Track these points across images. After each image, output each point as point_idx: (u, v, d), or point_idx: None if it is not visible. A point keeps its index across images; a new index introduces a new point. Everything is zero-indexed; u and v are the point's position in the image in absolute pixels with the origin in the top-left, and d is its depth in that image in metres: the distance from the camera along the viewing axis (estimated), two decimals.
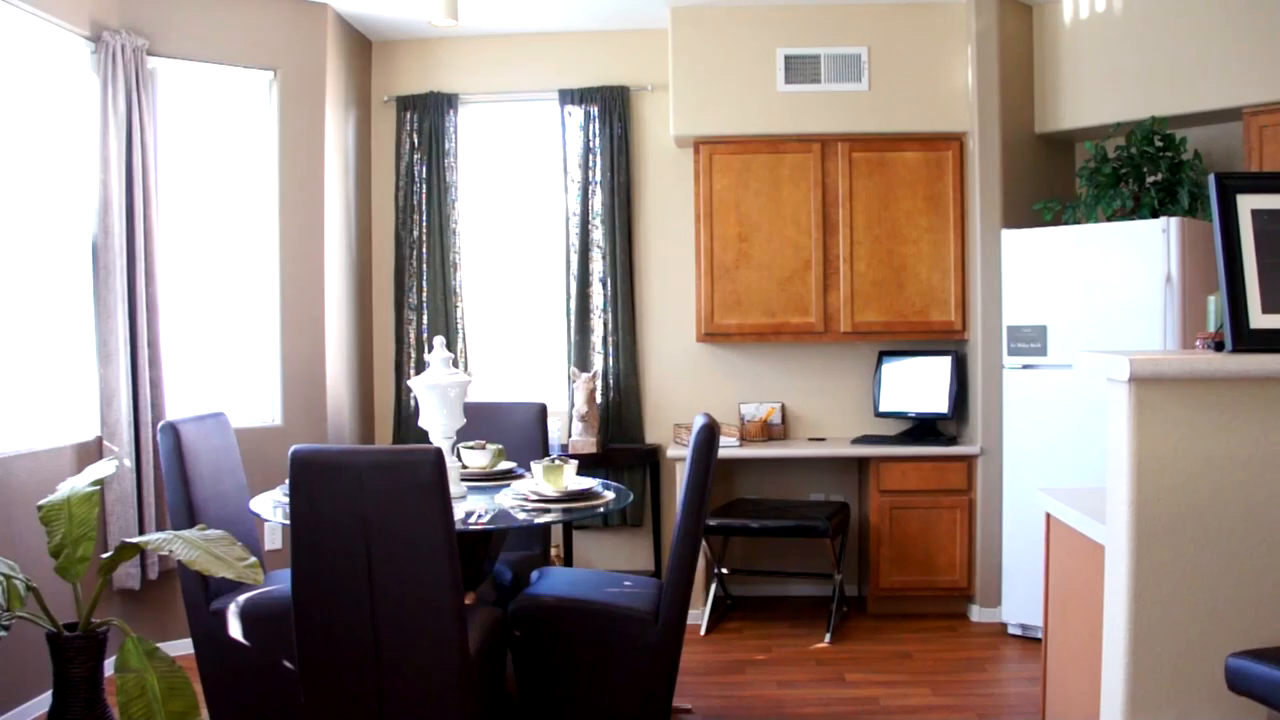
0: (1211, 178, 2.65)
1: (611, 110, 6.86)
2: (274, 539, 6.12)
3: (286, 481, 3.85)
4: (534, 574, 4.87)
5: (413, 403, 6.68)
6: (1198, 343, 2.88)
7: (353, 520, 3.61)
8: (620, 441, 6.89)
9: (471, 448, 4.95)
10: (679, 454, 6.18)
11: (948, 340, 6.72)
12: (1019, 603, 6.06)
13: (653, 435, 6.99)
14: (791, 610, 6.66)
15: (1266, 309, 2.58)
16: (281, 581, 4.47)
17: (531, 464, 4.55)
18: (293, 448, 3.68)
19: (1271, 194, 2.66)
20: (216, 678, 4.39)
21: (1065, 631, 3.32)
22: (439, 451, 3.60)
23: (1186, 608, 2.59)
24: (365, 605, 3.66)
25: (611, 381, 6.89)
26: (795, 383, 6.99)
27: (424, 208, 6.87)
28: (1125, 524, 2.58)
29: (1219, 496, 2.58)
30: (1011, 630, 6.14)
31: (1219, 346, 2.68)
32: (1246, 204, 2.63)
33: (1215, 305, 2.88)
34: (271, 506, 4.32)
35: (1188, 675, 2.60)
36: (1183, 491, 2.57)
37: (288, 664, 4.21)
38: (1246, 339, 2.57)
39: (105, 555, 4.21)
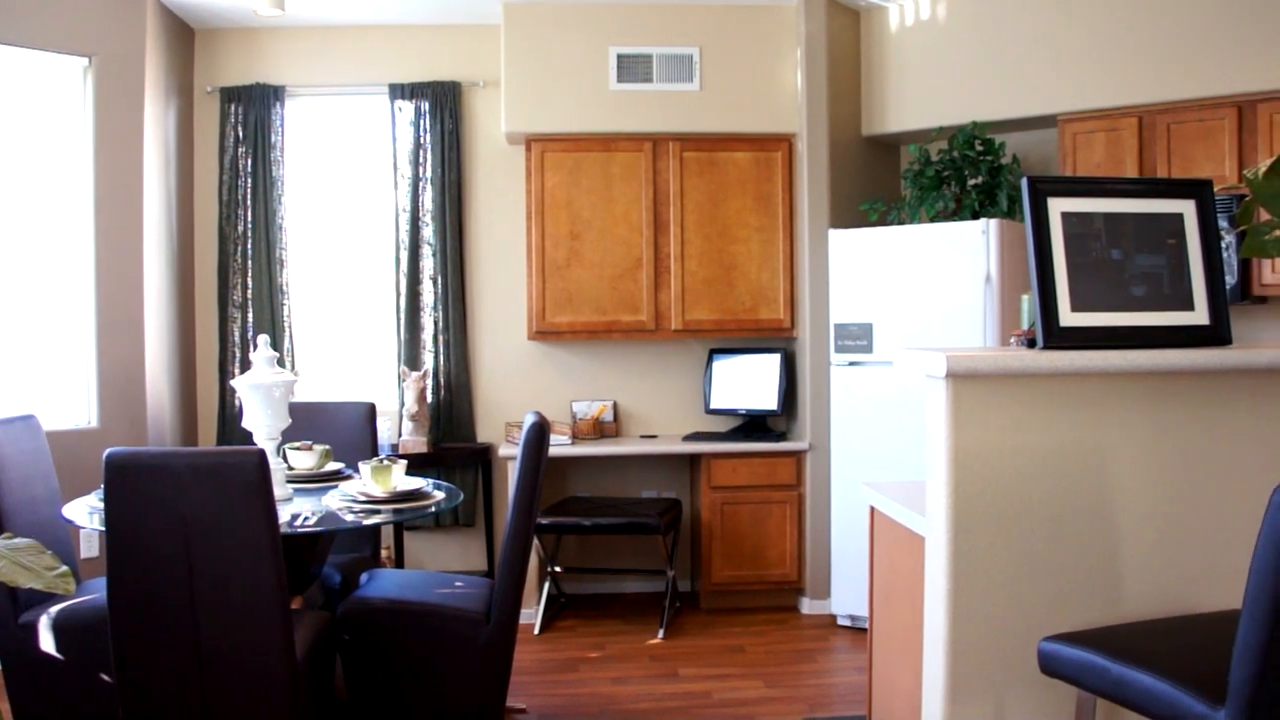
0: (1024, 181, 2.74)
1: (443, 106, 6.78)
2: (91, 547, 5.88)
3: (102, 486, 3.70)
4: (363, 576, 4.79)
5: (237, 403, 6.50)
6: (1011, 340, 2.97)
7: (172, 525, 3.50)
8: (451, 441, 6.82)
9: (298, 449, 4.84)
10: (511, 453, 6.15)
11: (777, 338, 6.83)
12: (848, 594, 6.19)
13: (484, 434, 6.94)
14: (625, 607, 6.68)
15: (1076, 307, 2.68)
16: (98, 591, 4.30)
17: (360, 464, 4.48)
18: (108, 450, 3.54)
19: (1081, 197, 2.77)
20: (26, 695, 4.19)
21: (889, 622, 3.40)
22: (262, 453, 3.51)
23: (1002, 595, 2.67)
24: (186, 613, 3.55)
25: (442, 380, 6.81)
26: (627, 380, 7.02)
27: (249, 202, 6.69)
28: (944, 516, 2.65)
29: (1032, 488, 2.67)
30: (841, 621, 6.27)
31: (1031, 344, 2.77)
32: (1057, 207, 2.73)
33: (1028, 304, 2.98)
34: (87, 512, 4.16)
35: (1004, 660, 2.69)
36: (998, 483, 2.65)
37: (105, 677, 4.05)
38: (1057, 336, 2.66)
39: None
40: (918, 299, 5.94)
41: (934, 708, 2.72)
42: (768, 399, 6.69)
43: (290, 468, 4.75)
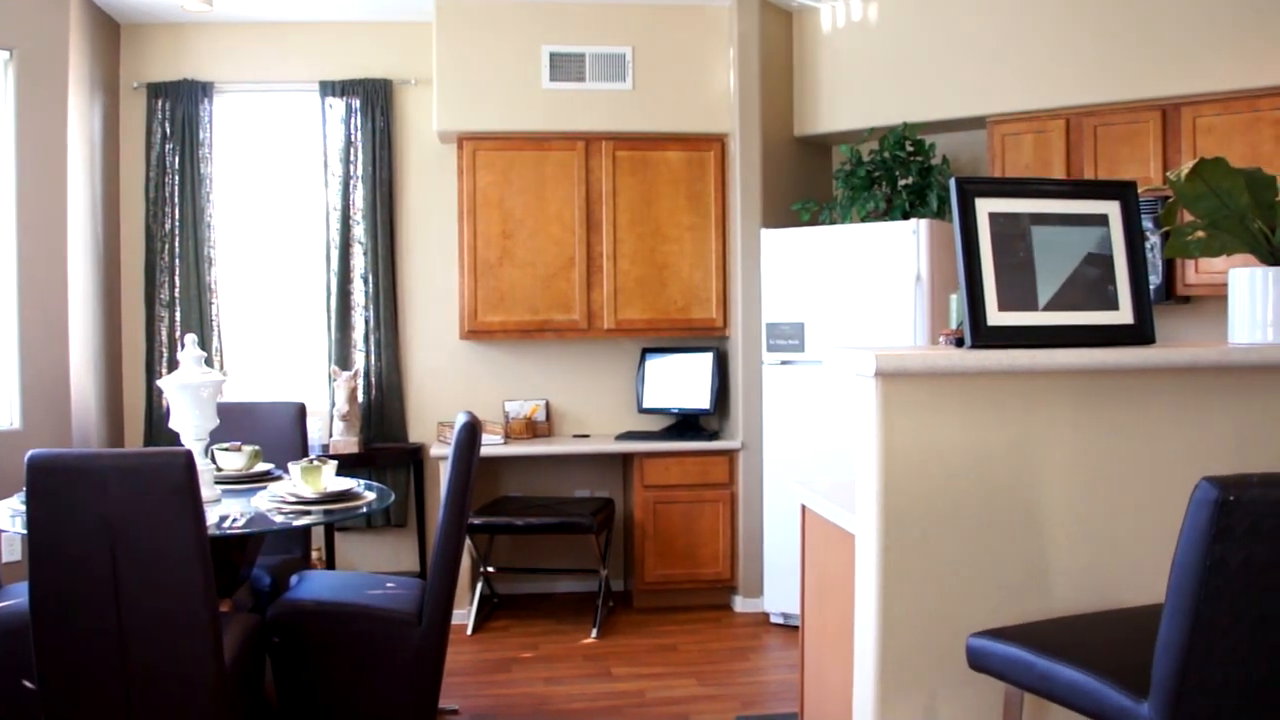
0: (952, 182, 2.76)
1: (374, 104, 6.73)
2: (13, 550, 5.77)
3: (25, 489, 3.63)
4: (294, 578, 4.74)
5: (164, 404, 6.40)
6: (940, 339, 3.00)
7: (96, 528, 3.43)
8: (383, 441, 6.77)
9: (226, 449, 4.78)
10: (443, 453, 6.11)
11: (709, 337, 6.85)
12: (780, 592, 6.22)
13: (416, 434, 6.89)
14: (558, 607, 6.67)
15: (1003, 307, 2.71)
16: (20, 595, 4.21)
17: (290, 465, 4.43)
18: (30, 452, 3.47)
19: (1008, 198, 2.80)
20: None
21: (821, 619, 3.42)
22: (189, 454, 3.46)
23: (932, 592, 2.70)
24: (111, 617, 3.49)
25: (373, 380, 6.76)
26: (560, 380, 7.01)
27: (177, 200, 6.59)
28: (874, 514, 2.67)
29: (960, 485, 2.69)
30: (774, 619, 6.30)
31: (959, 342, 2.80)
32: (984, 207, 2.76)
33: (956, 303, 3.01)
34: (9, 516, 4.07)
35: (934, 656, 2.71)
36: (927, 481, 2.68)
37: (27, 684, 3.96)
38: (984, 335, 2.69)
39: None
40: (849, 298, 5.99)
41: (865, 704, 2.74)
42: (700, 398, 6.71)
43: (219, 469, 4.70)
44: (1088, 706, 2.14)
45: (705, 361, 6.75)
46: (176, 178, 6.59)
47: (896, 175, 6.27)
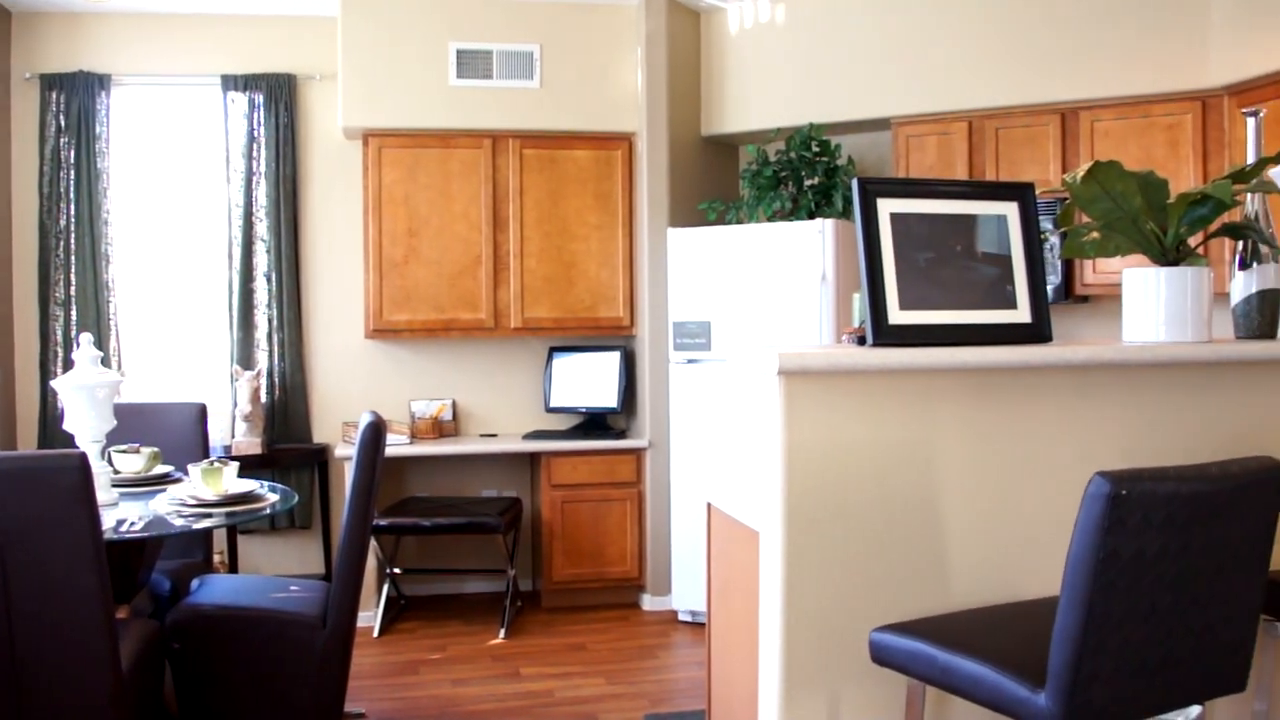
0: (854, 182, 2.79)
1: (278, 99, 6.63)
2: None
3: None
4: (195, 582, 4.65)
5: (59, 405, 6.24)
6: (843, 337, 3.03)
7: None
8: (287, 441, 6.68)
9: (124, 451, 4.68)
10: (347, 453, 6.04)
11: (616, 336, 6.86)
12: (688, 590, 6.25)
13: (321, 434, 6.81)
14: (466, 607, 6.63)
15: (904, 306, 2.74)
16: None
17: (190, 467, 4.35)
18: None
19: (909, 199, 2.83)
20: None
21: (727, 616, 3.44)
22: (83, 456, 3.37)
23: (835, 588, 2.72)
24: (1, 624, 3.39)
25: (277, 379, 6.67)
26: (466, 379, 6.97)
27: (72, 195, 6.44)
28: (778, 511, 2.69)
29: (863, 482, 2.72)
30: (682, 617, 6.32)
31: (861, 341, 2.83)
32: (886, 207, 2.79)
33: (859, 302, 3.04)
34: None
35: (838, 651, 2.73)
36: (830, 478, 2.70)
37: None
38: (885, 334, 2.72)
39: None
40: (755, 297, 6.03)
41: (770, 699, 2.76)
42: (607, 397, 6.71)
43: (116, 471, 4.60)
44: (987, 697, 2.17)
45: (612, 360, 6.75)
46: (72, 173, 6.44)
47: (803, 175, 6.33)
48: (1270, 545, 2.26)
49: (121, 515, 4.04)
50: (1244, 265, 3.00)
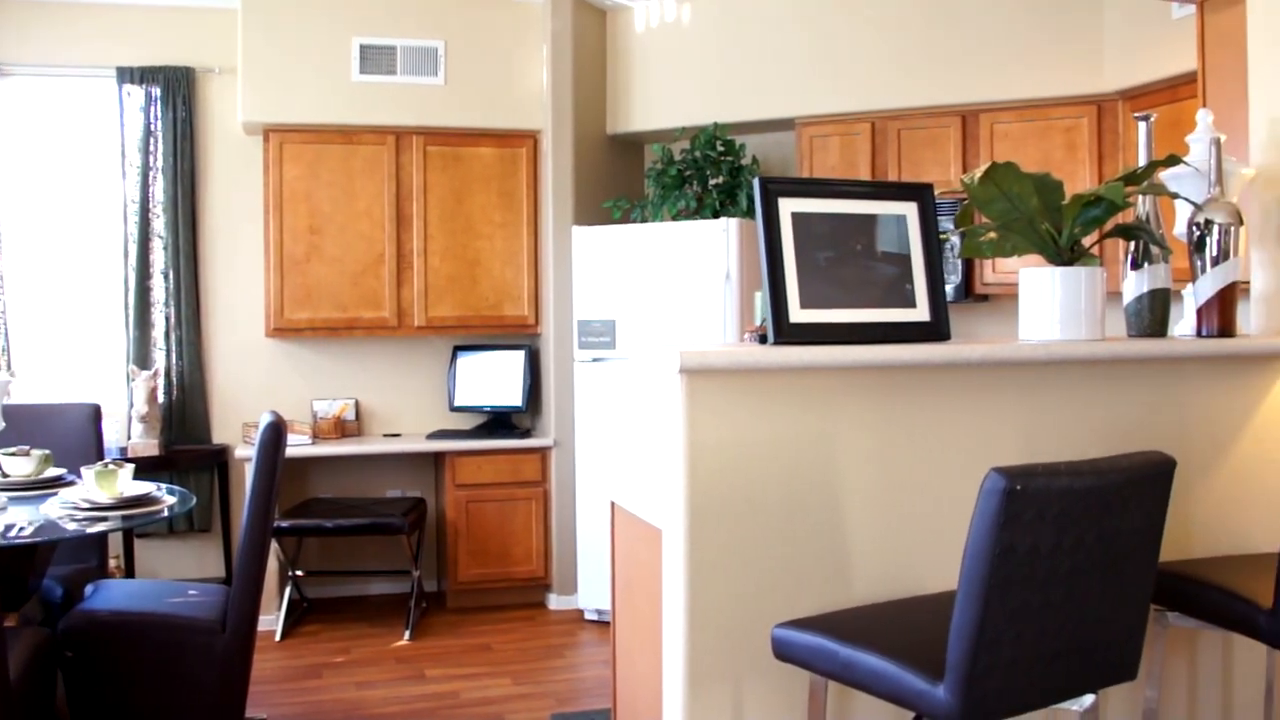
0: (756, 181, 2.81)
1: (175, 92, 6.50)
2: None
3: None
4: (89, 588, 4.54)
5: None
6: (745, 336, 3.05)
7: None
8: (185, 443, 6.55)
9: (13, 454, 4.55)
10: (248, 454, 5.94)
11: (521, 334, 6.83)
12: (594, 589, 6.25)
13: (220, 435, 6.69)
14: (371, 609, 6.56)
15: (805, 304, 2.76)
16: None
17: (83, 469, 4.24)
18: None
19: (809, 198, 2.86)
20: None
21: (631, 614, 3.44)
22: None
23: (737, 585, 2.74)
24: None
25: (175, 379, 6.53)
26: (369, 378, 6.89)
27: None
28: (680, 509, 2.70)
29: (765, 480, 2.74)
30: (588, 616, 6.32)
31: (763, 339, 2.84)
32: (787, 207, 2.81)
33: (760, 301, 3.06)
34: None
35: (741, 647, 2.75)
36: (732, 476, 2.71)
37: None
38: (786, 332, 2.74)
39: None
40: (660, 296, 6.05)
41: (674, 696, 2.77)
42: (512, 396, 6.69)
43: (5, 475, 4.47)
44: (887, 691, 2.20)
45: (517, 359, 6.73)
46: None
47: (707, 174, 6.36)
48: (1160, 538, 2.31)
49: (10, 520, 3.92)
50: (1136, 265, 3.07)
